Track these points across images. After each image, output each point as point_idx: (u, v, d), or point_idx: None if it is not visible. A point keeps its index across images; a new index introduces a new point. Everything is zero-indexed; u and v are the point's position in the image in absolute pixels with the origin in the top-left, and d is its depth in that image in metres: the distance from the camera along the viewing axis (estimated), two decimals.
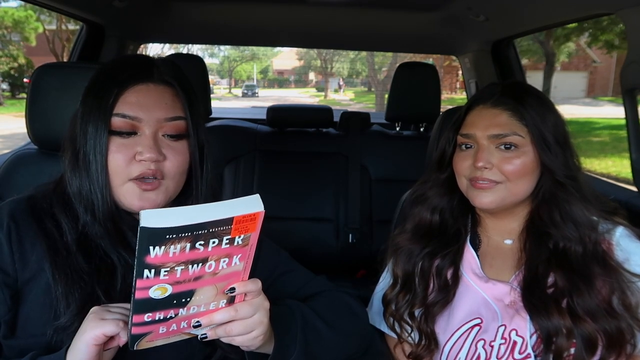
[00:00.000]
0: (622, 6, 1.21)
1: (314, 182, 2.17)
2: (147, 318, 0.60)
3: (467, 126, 0.91)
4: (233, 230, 0.57)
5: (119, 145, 0.74)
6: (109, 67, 0.79)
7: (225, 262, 0.60)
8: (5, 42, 19.31)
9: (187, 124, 0.78)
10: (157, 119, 0.75)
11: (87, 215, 0.75)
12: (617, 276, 0.82)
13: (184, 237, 0.55)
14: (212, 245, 0.57)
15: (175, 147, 0.77)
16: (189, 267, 0.58)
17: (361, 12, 1.97)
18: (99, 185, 0.74)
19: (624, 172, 7.34)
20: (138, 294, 0.58)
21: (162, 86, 0.77)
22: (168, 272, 0.57)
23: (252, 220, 0.58)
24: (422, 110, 2.20)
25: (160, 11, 1.96)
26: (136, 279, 0.56)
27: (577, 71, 25.41)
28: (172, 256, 0.56)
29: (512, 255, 0.92)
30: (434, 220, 0.97)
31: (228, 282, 0.63)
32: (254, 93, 31.71)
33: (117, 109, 0.74)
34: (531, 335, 0.84)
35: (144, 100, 0.75)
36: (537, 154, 0.86)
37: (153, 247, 0.54)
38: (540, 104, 0.89)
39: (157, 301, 0.59)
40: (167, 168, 0.76)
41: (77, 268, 0.73)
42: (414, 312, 0.93)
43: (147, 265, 0.55)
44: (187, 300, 0.61)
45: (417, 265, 0.94)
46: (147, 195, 0.75)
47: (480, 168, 0.87)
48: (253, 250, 0.62)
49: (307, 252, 2.20)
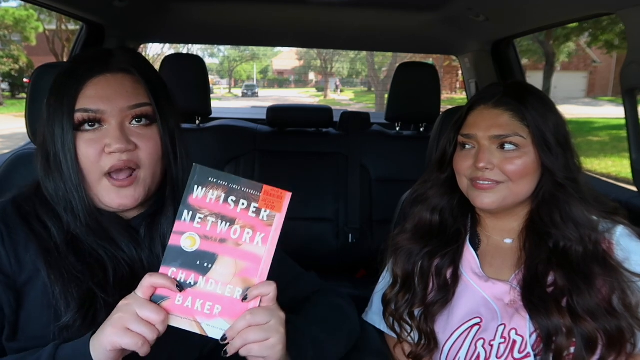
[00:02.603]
0: (622, 6, 1.21)
1: (314, 182, 2.17)
2: (171, 274, 0.65)
3: (469, 126, 0.91)
4: (261, 199, 0.67)
5: (87, 140, 0.74)
6: (67, 66, 0.79)
7: (249, 234, 0.67)
8: (6, 42, 19.31)
9: (153, 110, 0.77)
10: (121, 108, 0.75)
11: (68, 216, 0.75)
12: (617, 276, 0.82)
13: (222, 186, 0.66)
14: (241, 206, 0.67)
15: (145, 134, 0.77)
16: (218, 222, 0.66)
17: (361, 12, 1.97)
18: (73, 184, 0.74)
19: (624, 172, 7.34)
20: (172, 238, 0.65)
21: (120, 75, 0.77)
22: (202, 220, 0.66)
23: (279, 198, 0.68)
24: (422, 110, 2.20)
25: (160, 11, 1.95)
26: (175, 220, 0.66)
27: (577, 71, 25.41)
28: (209, 202, 0.66)
29: (512, 254, 0.92)
30: (434, 220, 0.97)
31: (247, 265, 0.67)
32: (253, 93, 31.70)
33: (78, 104, 0.74)
34: (531, 335, 0.84)
35: (103, 91, 0.74)
36: (538, 154, 0.86)
37: (197, 186, 0.66)
38: (542, 105, 0.88)
39: (185, 253, 0.65)
40: (140, 157, 0.76)
41: (70, 267, 0.73)
42: (414, 312, 0.93)
43: (188, 206, 0.66)
44: (209, 267, 0.66)
45: (416, 265, 0.95)
46: (124, 192, 0.76)
47: (481, 169, 0.87)
48: (276, 239, 0.67)
49: (307, 252, 2.21)
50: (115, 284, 0.74)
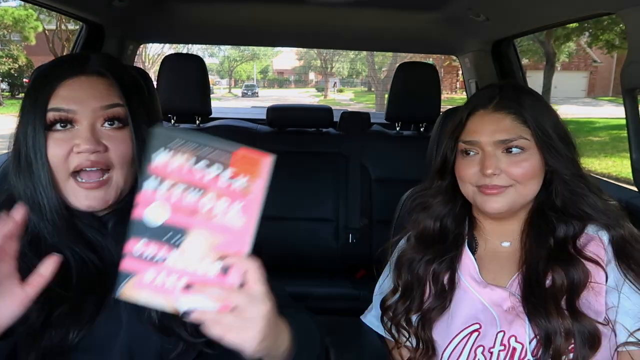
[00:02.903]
0: (623, 6, 1.21)
1: (314, 182, 2.17)
2: (136, 249, 0.58)
3: (470, 133, 0.90)
4: (237, 163, 0.58)
5: (57, 139, 0.75)
6: (43, 69, 0.80)
7: (224, 204, 0.58)
8: (5, 42, 19.31)
9: (125, 112, 0.78)
10: (93, 109, 0.75)
11: (34, 216, 0.75)
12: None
13: (190, 148, 0.57)
14: (215, 172, 0.58)
15: (116, 136, 0.77)
16: (188, 191, 0.58)
17: (361, 12, 1.97)
18: (41, 183, 0.74)
19: (624, 172, 7.34)
20: (137, 211, 0.58)
21: (95, 77, 0.77)
22: (168, 189, 0.58)
23: (256, 161, 0.58)
24: (422, 110, 2.20)
25: (160, 11, 1.95)
26: (138, 191, 0.58)
27: (578, 71, 25.41)
28: (176, 168, 0.58)
29: (509, 258, 0.91)
30: (436, 228, 0.96)
31: (225, 239, 0.58)
32: (253, 93, 31.68)
33: (51, 104, 0.74)
34: (530, 341, 0.84)
35: (76, 93, 0.75)
36: (542, 154, 0.86)
37: (160, 150, 0.57)
38: (538, 103, 0.89)
39: (151, 227, 0.58)
40: (111, 158, 0.76)
41: (30, 267, 0.70)
42: (411, 318, 0.93)
43: (150, 174, 0.57)
44: (179, 241, 0.59)
45: (416, 272, 0.94)
46: (93, 193, 0.75)
47: (489, 175, 0.86)
48: (256, 209, 0.58)
49: (307, 252, 2.21)
50: (77, 285, 0.74)
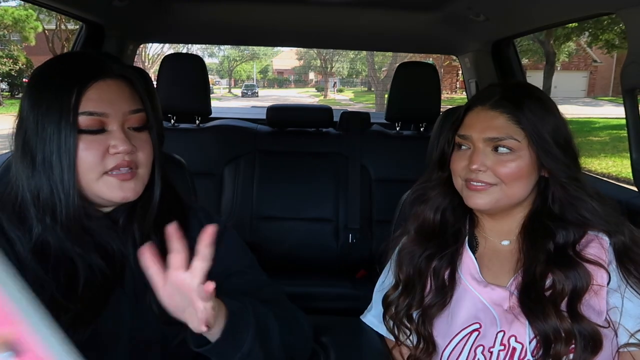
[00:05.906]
0: (623, 6, 1.21)
1: (314, 182, 2.17)
2: None
3: (465, 127, 0.90)
4: None
5: (89, 142, 0.74)
6: (52, 67, 0.78)
7: None
8: (5, 42, 19.29)
9: (147, 116, 0.81)
10: (123, 112, 0.77)
11: (47, 219, 0.74)
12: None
13: None
14: None
15: (141, 138, 0.80)
16: None
17: (361, 12, 1.97)
18: (64, 186, 0.73)
19: (624, 172, 7.34)
20: None
21: (119, 80, 0.78)
22: None
23: None
24: (422, 110, 2.20)
25: (160, 11, 1.95)
26: None
27: (578, 71, 25.41)
28: None
29: (510, 257, 0.91)
30: (436, 220, 0.96)
31: None
32: (253, 93, 31.67)
33: (82, 107, 0.74)
34: (530, 341, 0.83)
35: (106, 95, 0.76)
36: (536, 157, 0.86)
37: None
38: (541, 107, 0.87)
39: None
40: (140, 158, 0.79)
41: (33, 277, 0.71)
42: (412, 315, 0.93)
43: None
44: None
45: (417, 267, 0.94)
46: (127, 185, 0.77)
47: (474, 170, 0.86)
48: None
49: (307, 252, 2.21)
50: (83, 293, 0.73)
